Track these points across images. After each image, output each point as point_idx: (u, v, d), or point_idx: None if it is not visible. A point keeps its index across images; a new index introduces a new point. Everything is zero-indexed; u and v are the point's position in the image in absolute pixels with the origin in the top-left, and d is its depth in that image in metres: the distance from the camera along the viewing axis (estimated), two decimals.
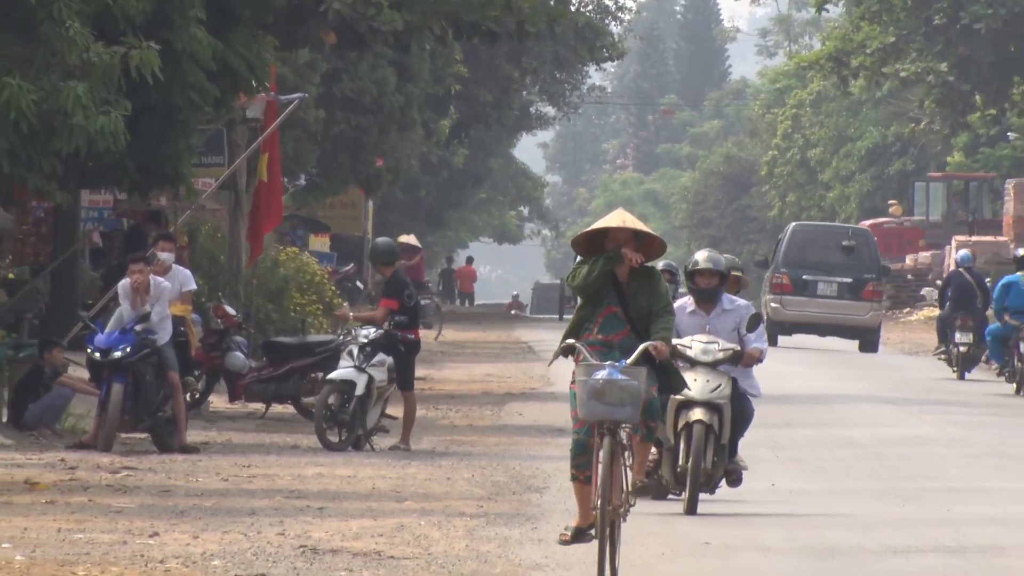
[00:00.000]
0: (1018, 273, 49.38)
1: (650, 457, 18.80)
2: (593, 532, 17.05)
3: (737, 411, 18.24)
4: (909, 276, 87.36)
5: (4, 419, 33.54)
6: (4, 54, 30.46)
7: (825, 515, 22.03)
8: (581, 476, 17.21)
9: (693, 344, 18.51)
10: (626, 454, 17.39)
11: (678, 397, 18.08)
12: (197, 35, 33.99)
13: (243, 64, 36.89)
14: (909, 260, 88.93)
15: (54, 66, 31.11)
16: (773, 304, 68.70)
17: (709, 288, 19.21)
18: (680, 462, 18.08)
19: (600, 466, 16.85)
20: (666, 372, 17.81)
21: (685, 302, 19.62)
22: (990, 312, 51.68)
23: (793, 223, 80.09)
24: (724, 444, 18.27)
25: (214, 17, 35.15)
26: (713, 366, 18.16)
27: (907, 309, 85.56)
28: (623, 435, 17.23)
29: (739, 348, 18.55)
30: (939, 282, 58.93)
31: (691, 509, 18.19)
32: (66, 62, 30.80)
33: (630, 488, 17.63)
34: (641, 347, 17.30)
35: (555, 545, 18.92)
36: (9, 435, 32.57)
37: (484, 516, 24.14)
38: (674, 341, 17.59)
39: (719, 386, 18.11)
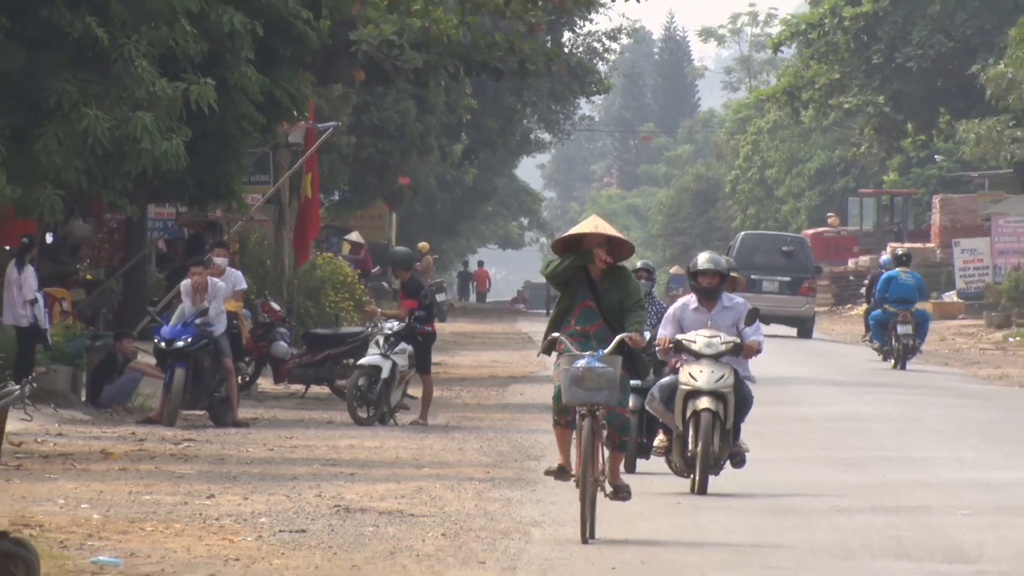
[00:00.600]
0: (896, 269, 51.23)
1: (661, 443, 18.71)
2: (573, 473, 17.32)
3: (739, 398, 17.79)
4: (851, 277, 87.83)
5: (83, 398, 33.56)
6: (83, 89, 30.37)
7: (781, 480, 22.01)
8: (562, 421, 17.52)
9: (697, 338, 18.03)
10: (603, 435, 17.32)
11: (685, 387, 17.90)
12: (247, 72, 33.92)
13: (286, 97, 36.76)
14: (851, 263, 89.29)
15: (125, 99, 30.99)
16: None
17: (711, 287, 18.83)
18: (689, 447, 17.62)
19: (582, 443, 16.88)
20: (635, 360, 17.70)
21: (688, 299, 19.20)
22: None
23: (742, 232, 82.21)
24: (729, 429, 17.82)
25: (261, 57, 35.08)
26: (716, 358, 17.70)
27: (848, 305, 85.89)
28: (601, 416, 17.16)
29: (739, 341, 18.17)
30: (866, 281, 59.75)
31: (702, 490, 17.81)
32: (135, 95, 30.67)
33: (610, 491, 17.75)
34: (617, 338, 17.36)
35: (552, 505, 18.97)
36: (87, 412, 32.59)
37: (490, 480, 24.17)
38: (679, 336, 18.16)
39: (723, 376, 17.69)
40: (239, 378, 33.68)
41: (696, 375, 17.44)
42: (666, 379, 17.85)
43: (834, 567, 17.20)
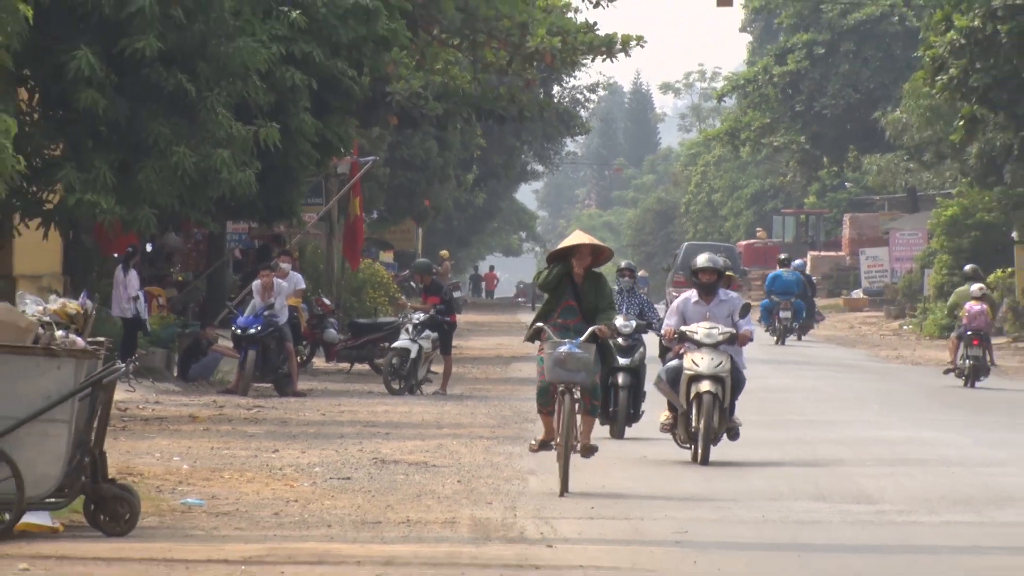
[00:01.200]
0: (780, 269, 55.37)
1: (667, 419, 18.07)
2: (553, 445, 17.29)
3: (734, 381, 17.08)
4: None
5: (175, 374, 33.60)
6: (175, 131, 30.33)
7: (724, 441, 21.91)
8: (544, 411, 17.55)
9: (699, 329, 17.27)
10: (578, 410, 17.16)
11: (689, 372, 17.28)
12: (304, 119, 34.00)
13: (335, 137, 36.86)
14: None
15: (208, 139, 31.00)
16: (673, 293, 69.49)
17: (709, 282, 18.04)
18: (693, 424, 16.96)
19: (563, 414, 16.85)
20: (604, 348, 17.54)
21: (690, 294, 18.45)
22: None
23: (686, 242, 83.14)
24: (726, 408, 17.11)
25: (316, 106, 35.18)
26: (715, 346, 16.99)
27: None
28: (577, 393, 17.05)
29: (735, 331, 17.36)
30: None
31: (704, 460, 17.11)
32: (216, 136, 30.67)
33: (581, 449, 17.51)
34: (590, 330, 17.20)
35: (544, 458, 18.86)
36: (178, 385, 32.62)
37: (496, 438, 24.24)
38: (683, 328, 17.61)
39: (721, 362, 16.94)
40: (298, 358, 33.68)
41: (698, 361, 16.79)
42: (672, 363, 17.28)
43: (767, 507, 17.24)
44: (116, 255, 35.28)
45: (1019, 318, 55.99)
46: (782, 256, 58.95)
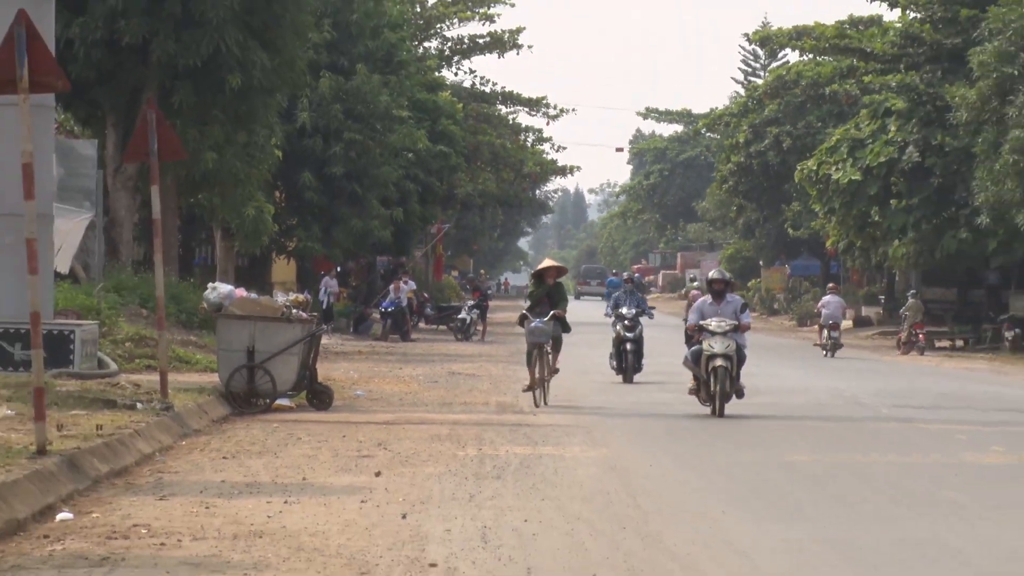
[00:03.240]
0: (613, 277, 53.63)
1: (692, 385, 15.05)
2: (534, 388, 15.83)
3: (739, 358, 14.41)
4: (652, 288, 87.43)
5: (351, 331, 33.39)
6: (352, 212, 32.19)
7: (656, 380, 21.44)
8: (529, 367, 15.95)
9: (712, 322, 14.52)
10: (548, 360, 15.92)
11: (707, 352, 14.49)
12: (415, 206, 36.44)
13: (430, 215, 39.00)
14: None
15: (368, 216, 31.68)
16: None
17: (719, 289, 15.04)
18: (711, 388, 14.25)
19: (537, 363, 15.76)
20: (562, 322, 16.18)
21: (705, 298, 15.28)
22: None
23: (611, 273, 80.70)
24: (734, 377, 14.36)
25: (420, 199, 36.42)
26: (724, 334, 14.37)
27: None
28: (547, 349, 15.90)
29: (738, 323, 14.59)
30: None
31: (720, 413, 14.22)
32: (371, 214, 31.51)
33: (548, 374, 15.99)
34: (552, 312, 15.98)
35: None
36: (353, 336, 32.49)
37: (508, 362, 23.87)
38: (701, 322, 14.83)
39: (729, 345, 14.27)
40: (411, 322, 33.57)
41: (713, 344, 14.30)
42: (694, 347, 14.58)
43: (692, 420, 16.92)
44: (322, 272, 35.34)
45: (763, 304, 55.93)
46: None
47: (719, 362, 14.45)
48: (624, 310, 19.93)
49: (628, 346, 19.51)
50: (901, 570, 6.77)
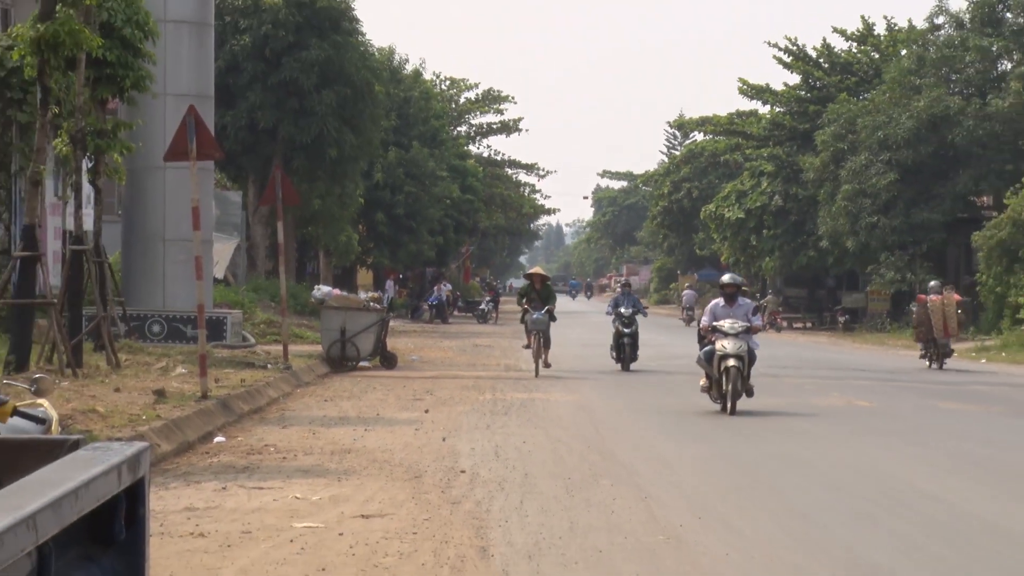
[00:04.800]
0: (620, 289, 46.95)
1: (704, 384, 10.57)
2: (531, 349, 13.88)
3: (750, 358, 10.16)
4: (607, 288, 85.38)
5: (410, 317, 32.68)
6: (410, 239, 31.01)
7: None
8: (528, 335, 14.35)
9: (725, 324, 10.26)
10: (542, 345, 13.85)
11: (719, 352, 10.29)
12: (451, 235, 34.67)
13: (460, 241, 37.18)
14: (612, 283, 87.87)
15: (420, 242, 31.12)
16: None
17: (731, 292, 10.70)
18: (724, 387, 10.02)
19: (534, 339, 14.06)
20: (552, 314, 14.18)
21: (718, 300, 10.94)
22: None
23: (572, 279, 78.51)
24: (745, 376, 10.15)
25: (455, 230, 35.25)
26: (736, 335, 10.14)
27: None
28: (542, 337, 13.89)
29: (750, 325, 10.33)
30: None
31: (732, 411, 9.92)
32: (422, 241, 30.72)
33: (543, 364, 13.84)
34: (546, 308, 14.11)
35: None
36: (409, 321, 31.75)
37: (513, 338, 22.86)
38: (714, 323, 10.58)
39: (740, 346, 10.10)
40: (449, 312, 32.96)
41: (726, 345, 10.09)
42: (707, 348, 10.34)
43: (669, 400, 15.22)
44: (389, 278, 35.00)
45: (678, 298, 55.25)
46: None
47: (731, 362, 10.49)
48: (622, 309, 15.91)
49: (625, 340, 15.72)
50: (769, 473, 6.74)
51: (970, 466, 7.05)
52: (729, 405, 10.17)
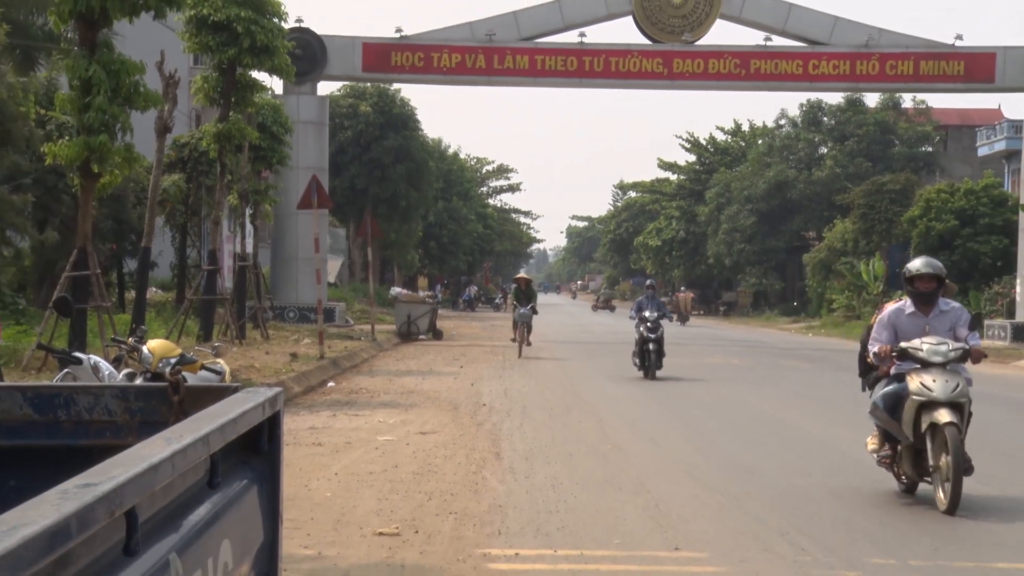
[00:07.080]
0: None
1: (885, 453, 2.64)
2: (516, 341, 11.30)
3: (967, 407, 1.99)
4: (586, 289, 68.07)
5: (451, 308, 29.99)
6: (446, 258, 29.66)
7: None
8: (514, 329, 11.36)
9: (924, 346, 2.18)
10: (525, 332, 11.24)
11: (919, 398, 2.38)
12: (477, 257, 33.23)
13: (483, 259, 35.59)
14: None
15: (460, 261, 30.35)
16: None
17: (928, 291, 2.40)
18: (930, 460, 2.11)
19: (518, 330, 11.23)
20: (534, 309, 11.44)
21: (903, 304, 2.54)
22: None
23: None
24: (963, 439, 2.06)
25: (480, 252, 34.17)
26: (945, 365, 2.11)
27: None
28: (524, 329, 11.19)
29: (967, 347, 2.22)
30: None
31: (954, 505, 1.99)
32: (457, 259, 30.09)
33: (524, 340, 11.22)
34: (529, 305, 11.46)
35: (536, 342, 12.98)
36: (452, 310, 29.70)
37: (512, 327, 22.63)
38: (903, 344, 2.70)
39: (958, 386, 2.15)
40: (476, 304, 30.92)
41: (931, 385, 2.14)
42: (889, 388, 2.37)
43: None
44: (437, 282, 34.33)
45: (623, 297, 53.72)
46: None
47: (946, 417, 2.53)
48: (647, 313, 9.03)
49: (650, 346, 8.88)
50: (678, 406, 6.75)
51: (805, 401, 7.17)
52: (950, 494, 2.82)
